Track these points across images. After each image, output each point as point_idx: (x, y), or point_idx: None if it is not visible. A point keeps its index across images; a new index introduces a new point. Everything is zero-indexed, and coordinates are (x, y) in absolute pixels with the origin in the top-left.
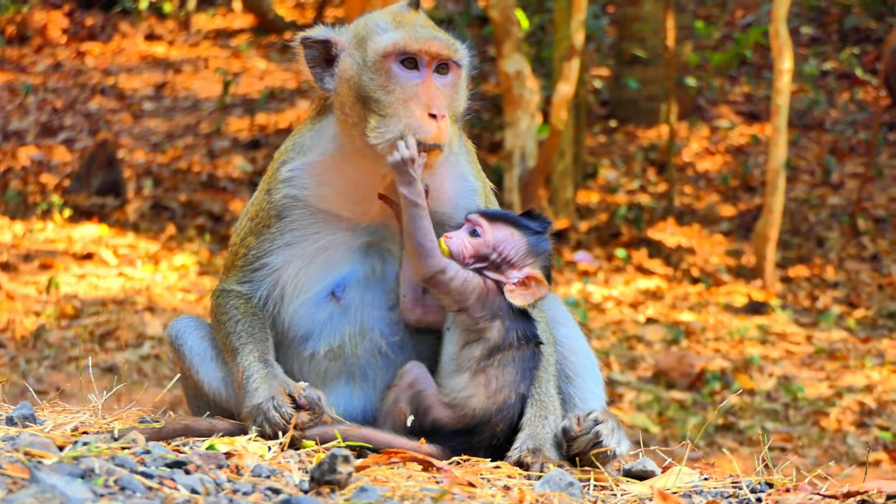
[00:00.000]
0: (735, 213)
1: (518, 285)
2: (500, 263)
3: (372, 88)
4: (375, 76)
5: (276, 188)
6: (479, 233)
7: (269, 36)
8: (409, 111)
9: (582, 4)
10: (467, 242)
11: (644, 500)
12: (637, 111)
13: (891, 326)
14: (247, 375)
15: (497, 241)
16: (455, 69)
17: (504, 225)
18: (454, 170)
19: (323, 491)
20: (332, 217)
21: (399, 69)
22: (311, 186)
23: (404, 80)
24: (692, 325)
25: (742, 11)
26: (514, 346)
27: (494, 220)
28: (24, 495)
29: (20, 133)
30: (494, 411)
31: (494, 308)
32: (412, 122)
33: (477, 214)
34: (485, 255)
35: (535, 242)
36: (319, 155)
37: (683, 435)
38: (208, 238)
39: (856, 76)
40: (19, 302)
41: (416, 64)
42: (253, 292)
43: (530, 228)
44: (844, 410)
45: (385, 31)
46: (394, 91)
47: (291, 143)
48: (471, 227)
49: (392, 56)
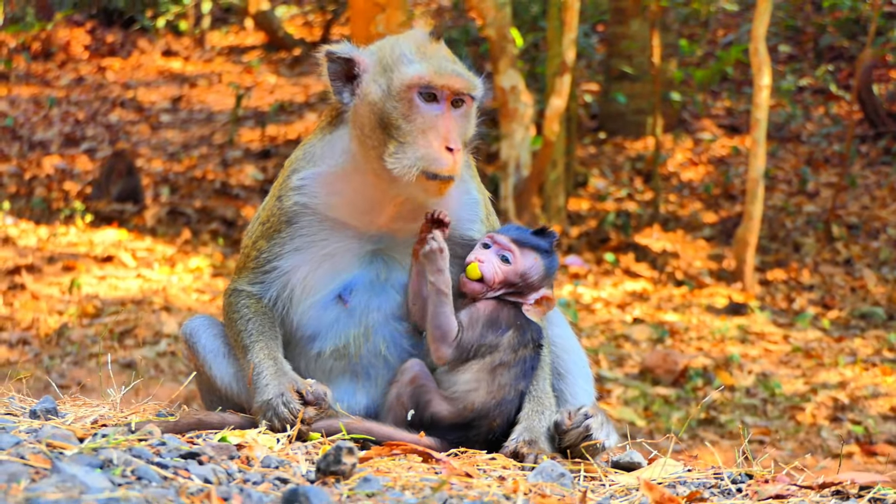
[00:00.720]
0: (717, 219)
1: (534, 305)
2: (524, 288)
3: (394, 116)
4: (398, 105)
5: (287, 195)
6: (510, 259)
7: (279, 52)
8: (427, 142)
9: (573, 23)
10: (499, 269)
11: (631, 491)
12: (625, 124)
13: (863, 327)
14: (257, 372)
15: (525, 268)
16: (469, 101)
17: (530, 251)
18: (459, 184)
19: (328, 481)
20: (340, 225)
21: (420, 100)
22: (321, 195)
23: (424, 112)
24: (676, 325)
25: (723, 30)
26: (519, 352)
27: (523, 247)
28: (46, 484)
29: (45, 143)
30: (493, 407)
31: (503, 326)
32: (430, 154)
33: (507, 239)
34: (512, 283)
35: (550, 265)
36: (330, 166)
37: (668, 428)
38: (221, 242)
39: (830, 92)
40: (43, 302)
41: (436, 97)
42: (263, 293)
43: (546, 250)
44: (819, 406)
45: (410, 63)
46: (414, 121)
47: (302, 152)
48: (501, 252)
49: (416, 87)
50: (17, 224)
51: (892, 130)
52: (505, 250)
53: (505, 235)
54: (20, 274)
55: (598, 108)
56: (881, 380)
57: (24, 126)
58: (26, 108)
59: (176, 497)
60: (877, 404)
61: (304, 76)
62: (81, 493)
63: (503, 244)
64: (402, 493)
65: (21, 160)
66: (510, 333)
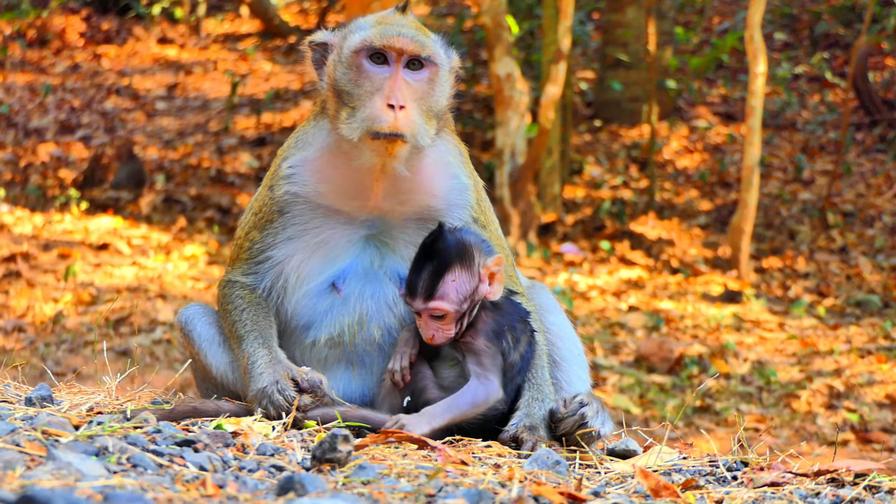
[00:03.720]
0: (712, 207)
1: (491, 286)
2: (473, 296)
3: (344, 82)
4: (348, 71)
5: (278, 184)
6: (441, 314)
7: (274, 40)
8: (372, 103)
9: (569, 11)
10: (443, 327)
11: (626, 478)
12: (620, 112)
13: (858, 314)
14: (252, 361)
15: (458, 299)
16: (430, 66)
17: (442, 285)
18: (446, 169)
19: (324, 468)
20: (332, 212)
21: (369, 64)
22: (311, 182)
23: (373, 75)
24: (671, 313)
25: (719, 18)
26: (520, 347)
27: (434, 293)
28: (41, 472)
29: (40, 130)
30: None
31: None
32: (371, 113)
33: (420, 301)
34: (463, 311)
35: (461, 249)
36: (316, 151)
37: (663, 416)
38: (217, 230)
39: (826, 79)
40: (39, 289)
41: (386, 59)
42: (257, 283)
43: (451, 247)
44: (814, 393)
45: (360, 30)
46: (362, 85)
47: (294, 139)
48: (429, 314)
49: (362, 52)
50: (13, 211)
51: (887, 118)
52: (432, 311)
53: (417, 298)
54: (15, 261)
55: (593, 96)
56: (876, 367)
57: (20, 113)
58: (21, 96)
59: (171, 484)
60: (872, 392)
61: (299, 64)
62: (77, 480)
63: (423, 309)
64: (397, 480)
65: (16, 147)
66: (508, 337)
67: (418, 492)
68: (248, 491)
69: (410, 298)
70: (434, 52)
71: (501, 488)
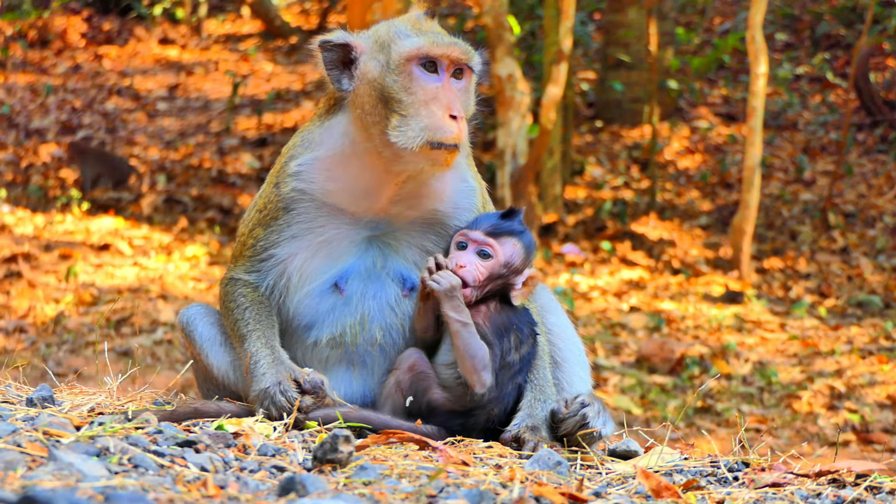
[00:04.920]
0: (713, 208)
1: (522, 287)
2: (509, 275)
3: (395, 90)
4: (399, 78)
5: (285, 181)
6: (490, 253)
7: (275, 40)
8: (430, 112)
9: (570, 12)
10: (481, 267)
11: (627, 479)
12: (621, 112)
13: (859, 315)
14: (254, 361)
15: (507, 257)
16: (469, 74)
17: (507, 238)
18: (455, 171)
19: (325, 469)
20: (337, 211)
21: (420, 72)
22: (319, 181)
23: (425, 83)
24: (672, 314)
25: (720, 18)
26: (522, 350)
27: (499, 237)
28: (42, 472)
29: (41, 131)
30: (492, 399)
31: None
32: (434, 123)
33: (482, 233)
34: (498, 275)
35: (529, 244)
36: (328, 151)
37: (664, 417)
38: (218, 230)
39: (827, 80)
40: (40, 290)
41: (436, 68)
42: (260, 281)
43: (521, 231)
44: (816, 394)
45: (408, 36)
46: (416, 93)
47: (300, 138)
48: (478, 248)
49: (415, 59)
50: (14, 212)
51: (888, 118)
52: (483, 245)
53: (478, 230)
54: (17, 262)
55: (594, 97)
56: (877, 368)
57: (21, 114)
58: (23, 96)
59: (172, 485)
60: (873, 392)
61: (300, 64)
62: (78, 480)
63: (479, 240)
64: (398, 481)
65: (18, 148)
66: (512, 337)
67: (419, 492)
68: (250, 491)
69: (469, 230)
70: (476, 61)
71: (503, 489)
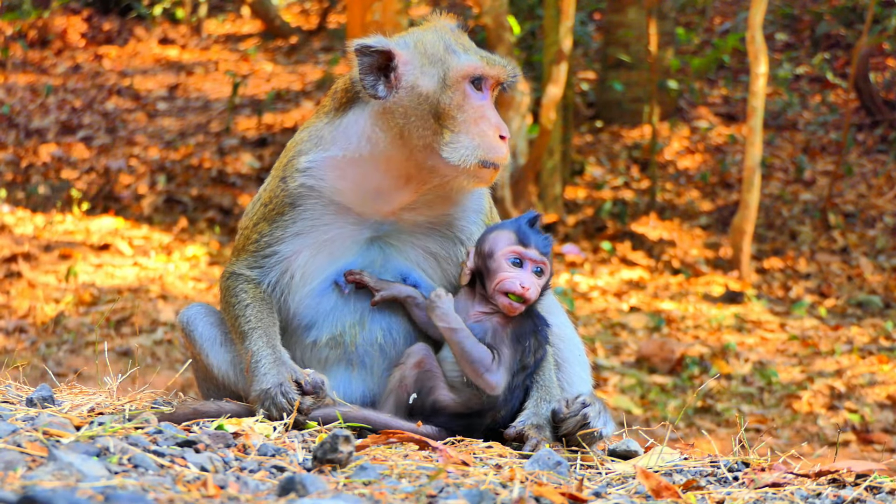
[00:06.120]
0: (713, 208)
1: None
2: (545, 289)
3: (450, 106)
4: (453, 95)
5: (293, 177)
6: (545, 270)
7: (275, 40)
8: (481, 131)
9: (570, 12)
10: (537, 285)
11: (627, 479)
12: (622, 112)
13: (859, 315)
14: (255, 360)
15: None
16: (498, 89)
17: (550, 254)
18: None
19: (325, 469)
20: (344, 210)
21: (471, 90)
22: (329, 179)
23: (474, 101)
24: (673, 314)
25: (720, 18)
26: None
27: (548, 255)
28: (42, 472)
29: (41, 131)
30: (501, 399)
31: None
32: (487, 142)
33: (537, 252)
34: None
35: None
36: (343, 150)
37: (664, 417)
38: (218, 230)
39: (827, 80)
40: (40, 290)
41: (482, 85)
42: (262, 278)
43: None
44: (816, 394)
45: (460, 54)
46: (467, 111)
47: (307, 134)
48: (536, 267)
49: (469, 77)
50: (14, 212)
51: (888, 119)
52: (540, 264)
53: (533, 248)
54: (17, 262)
55: (594, 97)
56: (878, 368)
57: (21, 114)
58: (23, 96)
59: (172, 485)
60: (873, 392)
61: (300, 64)
62: (78, 480)
63: (536, 259)
64: (398, 481)
65: (18, 148)
66: (531, 340)
67: (419, 492)
68: (250, 491)
69: (524, 247)
70: (514, 81)
71: (503, 489)
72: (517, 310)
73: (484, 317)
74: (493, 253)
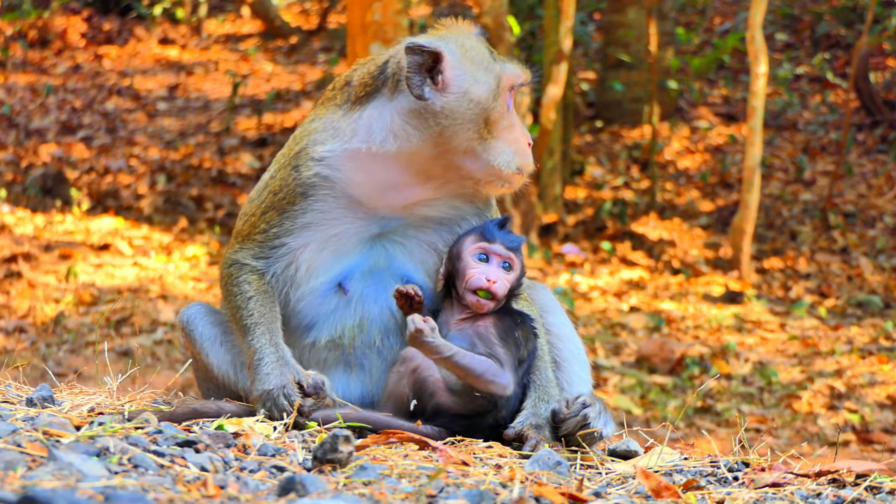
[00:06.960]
0: (713, 208)
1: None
2: (517, 287)
3: (498, 113)
4: (500, 102)
5: (307, 165)
6: (512, 266)
7: (275, 40)
8: (515, 138)
9: (570, 12)
10: (506, 280)
11: (627, 479)
12: (622, 112)
13: (859, 315)
14: (258, 358)
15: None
16: None
17: (519, 250)
18: None
19: (325, 469)
20: (354, 203)
21: (509, 98)
22: (346, 170)
23: (510, 109)
24: (673, 314)
25: (720, 18)
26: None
27: (517, 250)
28: (42, 472)
29: (41, 131)
30: (503, 400)
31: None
32: (521, 149)
33: (502, 247)
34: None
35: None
36: (363, 143)
37: (664, 417)
38: (218, 230)
39: (827, 80)
40: (40, 290)
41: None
42: (267, 268)
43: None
44: (816, 394)
45: (504, 63)
46: (505, 118)
47: (321, 124)
48: (502, 262)
49: (515, 86)
50: (14, 212)
51: (888, 119)
52: (506, 259)
53: (498, 243)
54: (17, 262)
55: (594, 97)
56: (878, 368)
57: (21, 114)
58: (23, 96)
59: (172, 485)
60: (873, 392)
61: (300, 64)
62: (78, 480)
63: (502, 254)
64: (398, 481)
65: (18, 148)
66: (519, 332)
67: (419, 492)
68: (250, 491)
69: (489, 243)
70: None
71: (503, 489)
72: (485, 307)
73: (465, 323)
74: (461, 253)
